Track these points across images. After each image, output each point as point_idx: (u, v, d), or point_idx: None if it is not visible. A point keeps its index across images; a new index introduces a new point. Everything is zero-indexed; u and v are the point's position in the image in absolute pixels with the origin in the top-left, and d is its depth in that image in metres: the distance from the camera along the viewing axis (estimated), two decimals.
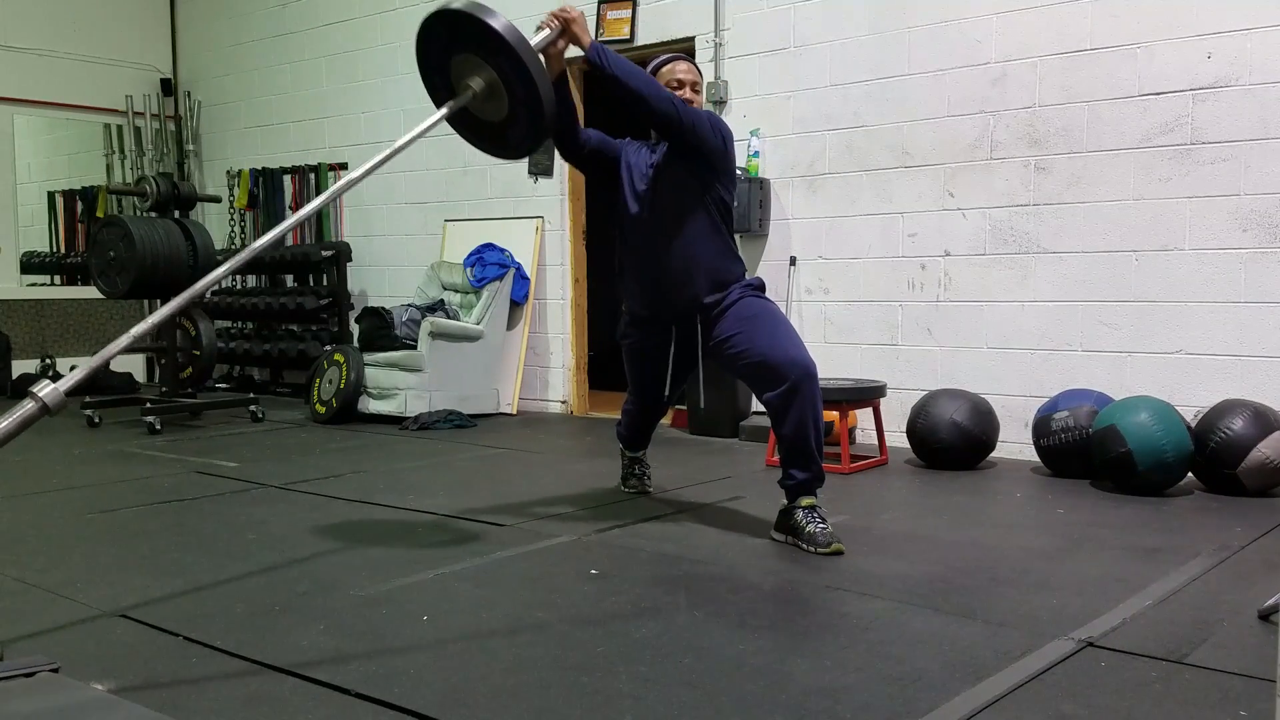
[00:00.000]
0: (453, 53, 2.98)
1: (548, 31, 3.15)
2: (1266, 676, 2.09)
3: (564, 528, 3.45)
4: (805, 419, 3.13)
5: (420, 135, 2.89)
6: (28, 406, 2.13)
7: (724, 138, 3.34)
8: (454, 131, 3.18)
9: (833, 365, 5.30)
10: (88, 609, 2.61)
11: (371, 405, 6.14)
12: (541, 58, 3.01)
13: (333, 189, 2.73)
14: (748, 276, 3.45)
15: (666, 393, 3.65)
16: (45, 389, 2.14)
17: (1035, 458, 4.50)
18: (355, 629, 2.44)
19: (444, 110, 2.99)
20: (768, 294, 3.51)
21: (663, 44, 5.96)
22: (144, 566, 3.03)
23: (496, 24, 2.81)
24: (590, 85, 6.54)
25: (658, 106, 3.17)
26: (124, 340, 2.36)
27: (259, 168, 8.17)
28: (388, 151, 2.79)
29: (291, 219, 2.66)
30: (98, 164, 8.70)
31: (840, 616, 2.54)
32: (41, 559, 3.12)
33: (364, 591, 2.74)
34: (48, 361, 7.79)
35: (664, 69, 3.42)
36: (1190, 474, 4.02)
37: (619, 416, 3.99)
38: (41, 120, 8.40)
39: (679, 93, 3.36)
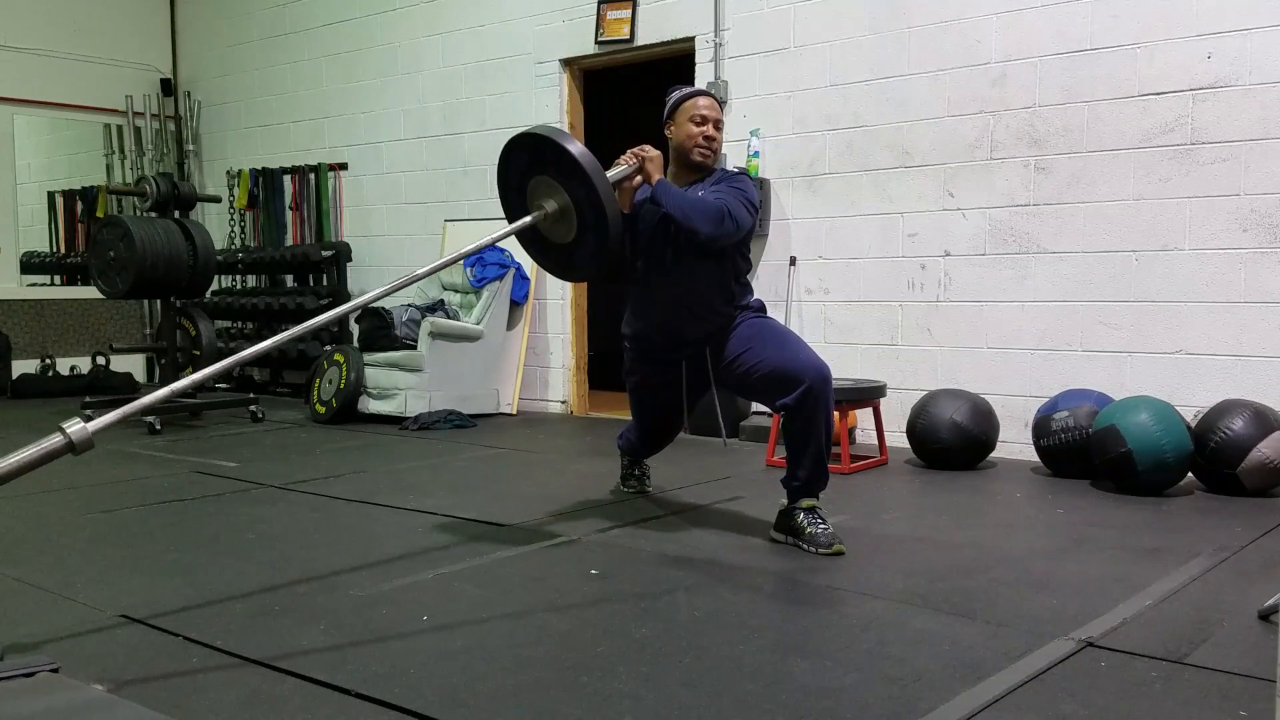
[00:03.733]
0: (531, 174, 3.16)
1: (625, 167, 3.26)
2: (1266, 676, 2.09)
3: (564, 528, 3.45)
4: (817, 421, 3.13)
5: (492, 242, 3.15)
6: (55, 440, 2.19)
7: (757, 208, 3.34)
8: (465, 132, 3.22)
9: (833, 365, 5.22)
10: (88, 609, 2.61)
11: (371, 405, 6.14)
12: (614, 191, 3.14)
13: (395, 282, 2.86)
14: (751, 298, 3.45)
15: (685, 421, 3.66)
16: (74, 427, 2.20)
17: (1035, 458, 4.50)
18: (355, 629, 2.44)
19: (518, 223, 3.17)
20: (768, 300, 3.52)
21: (663, 44, 5.97)
22: (144, 566, 3.03)
23: (576, 152, 2.99)
24: (590, 86, 6.54)
25: (715, 231, 3.16)
26: (164, 392, 2.45)
27: (259, 168, 8.17)
28: (453, 255, 3.06)
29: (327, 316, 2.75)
30: (98, 164, 8.70)
31: (840, 616, 2.54)
32: (41, 559, 3.12)
33: (364, 591, 2.74)
34: (47, 362, 7.79)
35: (686, 103, 3.37)
36: (1190, 474, 4.02)
37: (620, 422, 3.99)
38: (41, 120, 8.40)
39: (702, 129, 3.32)
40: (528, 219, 3.16)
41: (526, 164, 3.17)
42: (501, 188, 3.31)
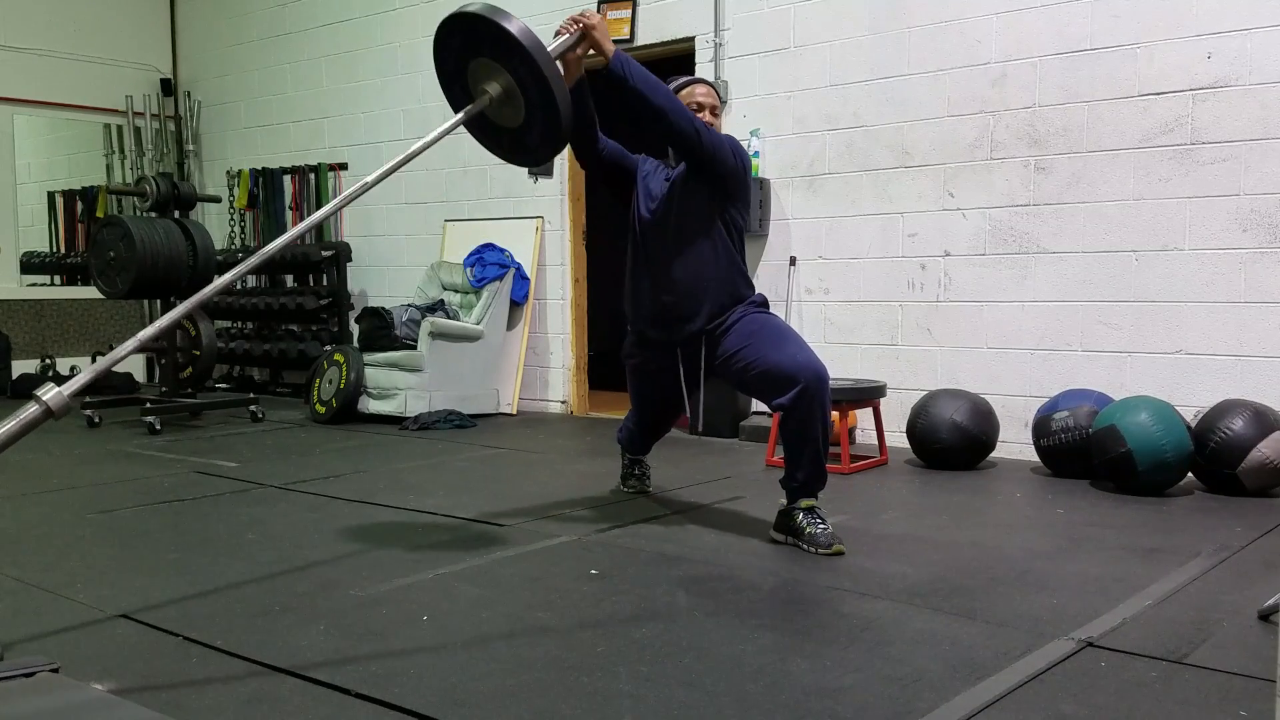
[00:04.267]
0: (470, 57, 2.94)
1: (566, 37, 3.10)
2: (1266, 676, 2.09)
3: (564, 528, 3.45)
4: (813, 421, 3.13)
5: (437, 139, 2.83)
6: (31, 409, 2.12)
7: (743, 163, 3.33)
8: (465, 132, 3.13)
9: (833, 365, 5.28)
10: (88, 609, 2.61)
11: (371, 405, 6.14)
12: (559, 63, 2.97)
13: (349, 192, 2.68)
14: (753, 294, 3.44)
15: (686, 410, 3.65)
16: (49, 392, 2.12)
17: (1035, 458, 4.50)
18: (355, 629, 2.44)
19: (460, 115, 2.93)
20: (769, 299, 3.51)
21: (663, 44, 5.97)
22: (144, 566, 3.03)
23: (512, 27, 2.77)
24: (590, 88, 6.53)
25: (680, 125, 3.14)
26: (131, 344, 2.35)
27: (259, 168, 8.17)
28: (404, 155, 2.74)
29: (312, 218, 2.62)
30: (98, 164, 8.70)
31: (840, 616, 2.54)
32: (41, 559, 3.12)
33: (364, 591, 2.74)
34: (48, 362, 7.79)
35: (683, 91, 3.38)
36: (1190, 474, 4.02)
37: (620, 420, 3.99)
38: (41, 120, 8.40)
39: (698, 115, 3.33)
40: (472, 106, 2.94)
41: (462, 46, 2.95)
42: (440, 73, 3.05)
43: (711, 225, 3.32)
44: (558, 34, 3.12)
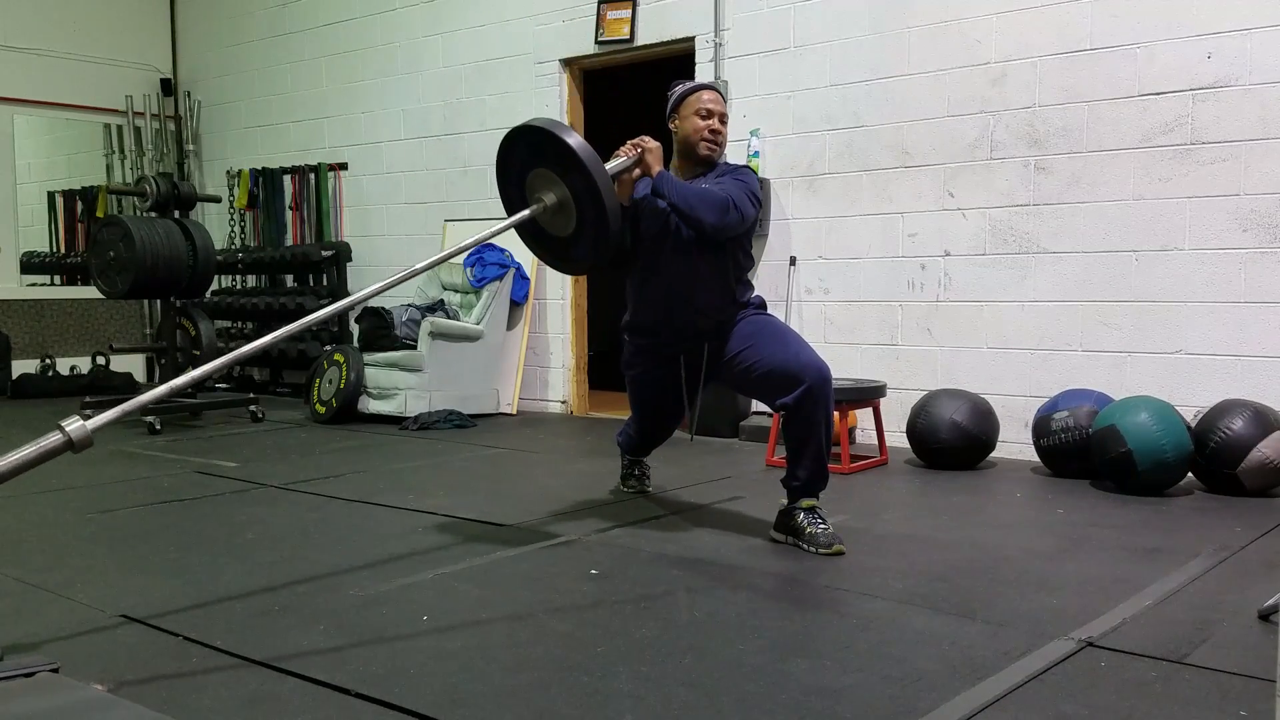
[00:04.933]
0: (530, 166, 3.14)
1: (624, 159, 3.23)
2: (1266, 676, 2.09)
3: (564, 528, 3.45)
4: (816, 421, 3.13)
5: (490, 236, 3.11)
6: (54, 439, 2.18)
7: (760, 202, 3.34)
8: (465, 132, 3.18)
9: (833, 365, 5.22)
10: (88, 609, 2.61)
11: (371, 405, 6.14)
12: (614, 183, 3.12)
13: (394, 278, 2.84)
14: (752, 296, 3.44)
15: (688, 414, 3.66)
16: (73, 424, 2.19)
17: (1035, 458, 4.50)
18: (355, 629, 2.44)
19: (516, 216, 3.14)
20: (768, 300, 3.52)
21: (663, 44, 5.97)
22: (144, 566, 3.03)
23: (574, 144, 2.97)
24: (590, 86, 6.54)
25: (720, 224, 3.17)
26: (163, 390, 2.43)
27: (259, 168, 8.17)
28: (451, 249, 3.01)
29: (355, 297, 2.70)
30: (98, 164, 8.70)
31: (840, 616, 2.54)
32: (41, 559, 3.12)
33: (364, 591, 2.74)
34: (47, 361, 7.79)
35: (690, 97, 3.37)
36: (1190, 474, 4.02)
37: (620, 423, 3.99)
38: (41, 120, 8.40)
39: (707, 122, 3.32)
40: (526, 212, 3.14)
41: (525, 156, 3.15)
42: (500, 180, 3.29)
43: (719, 244, 3.32)
44: (616, 154, 3.25)
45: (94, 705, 1.83)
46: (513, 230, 3.22)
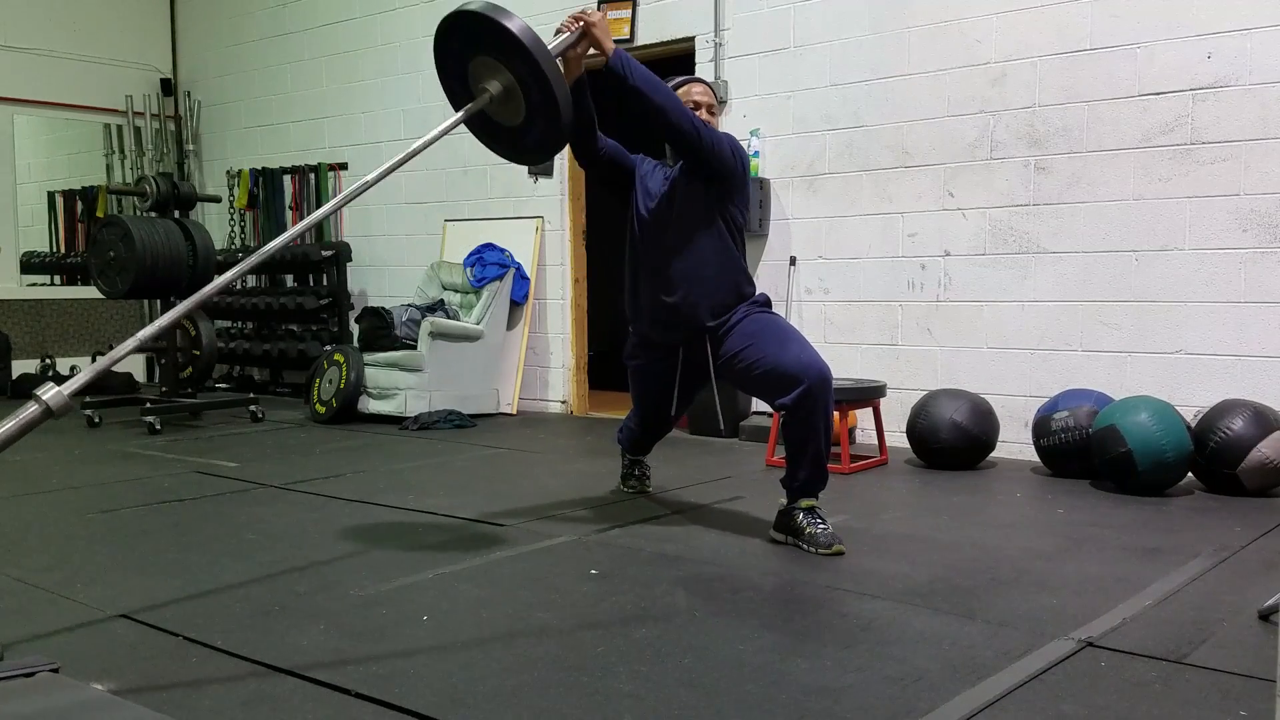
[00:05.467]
0: (470, 55, 2.93)
1: (567, 35, 3.10)
2: (1266, 676, 2.09)
3: (564, 528, 3.45)
4: (816, 421, 3.13)
5: (438, 137, 2.82)
6: (30, 409, 2.12)
7: (742, 162, 3.33)
8: (466, 132, 3.11)
9: (833, 365, 5.23)
10: (88, 609, 2.61)
11: (371, 405, 6.14)
12: (560, 61, 2.97)
13: (349, 191, 2.68)
14: (755, 293, 3.44)
15: (674, 412, 3.66)
16: (49, 391, 2.12)
17: (1035, 458, 4.50)
18: (355, 629, 2.44)
19: (461, 113, 2.93)
20: (771, 298, 3.51)
21: (663, 44, 5.97)
22: (144, 566, 3.03)
23: (513, 26, 2.76)
24: (590, 86, 6.53)
25: (679, 122, 3.14)
26: (131, 344, 2.34)
27: (259, 168, 8.17)
28: (405, 153, 2.74)
29: (311, 217, 2.61)
30: (98, 164, 8.70)
31: (840, 616, 2.54)
32: (41, 559, 3.12)
33: (364, 591, 2.74)
34: (48, 361, 7.79)
35: (679, 90, 3.38)
36: (1190, 474, 4.02)
37: (621, 421, 3.99)
38: (41, 120, 8.40)
39: (696, 114, 3.34)
40: (473, 105, 2.93)
41: (464, 43, 2.94)
42: (441, 73, 3.04)
43: (712, 224, 3.32)
44: (558, 31, 3.12)
45: (94, 705, 1.83)
46: (512, 229, 3.18)
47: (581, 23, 3.10)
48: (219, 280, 2.44)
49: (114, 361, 2.28)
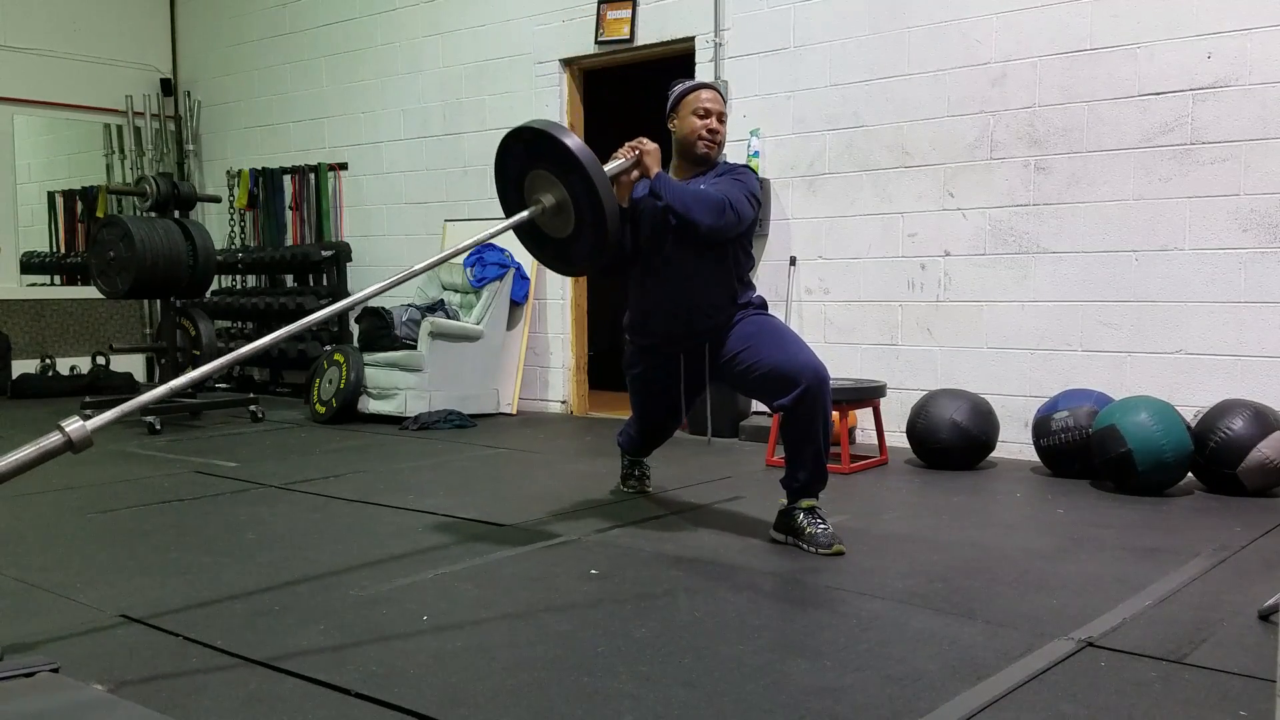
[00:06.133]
0: (529, 168, 3.14)
1: (623, 160, 3.23)
2: (1266, 676, 2.09)
3: (564, 528, 3.45)
4: (815, 422, 3.13)
5: (489, 237, 3.13)
6: (53, 439, 2.18)
7: (760, 202, 3.34)
8: (466, 132, 3.18)
9: (833, 365, 5.26)
10: (88, 609, 2.61)
11: (371, 405, 6.14)
12: (613, 184, 3.11)
13: (385, 283, 2.90)
14: (753, 296, 3.44)
15: (675, 418, 3.66)
16: (73, 425, 2.18)
17: (1035, 458, 4.50)
18: (355, 629, 2.44)
19: (515, 218, 3.15)
20: (769, 299, 3.51)
21: (663, 44, 5.97)
22: (144, 566, 3.03)
23: (572, 145, 2.97)
24: (590, 86, 6.54)
25: (717, 226, 3.16)
26: (162, 390, 2.43)
27: (259, 168, 8.17)
28: (451, 250, 3.01)
29: (357, 296, 2.72)
30: (98, 164, 8.70)
31: (840, 616, 2.54)
32: (41, 559, 3.12)
33: (364, 591, 2.74)
34: (47, 362, 7.79)
35: (689, 97, 3.37)
36: (1190, 474, 4.02)
37: (620, 422, 3.99)
38: (41, 120, 8.40)
39: (705, 121, 3.32)
40: (525, 214, 3.14)
41: (524, 158, 3.15)
42: (499, 181, 3.29)
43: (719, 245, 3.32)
44: (614, 156, 3.25)
45: (94, 705, 1.83)
46: (512, 232, 3.22)
47: (637, 152, 3.23)
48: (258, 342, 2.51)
49: (142, 405, 2.34)
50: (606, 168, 3.10)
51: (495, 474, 4.54)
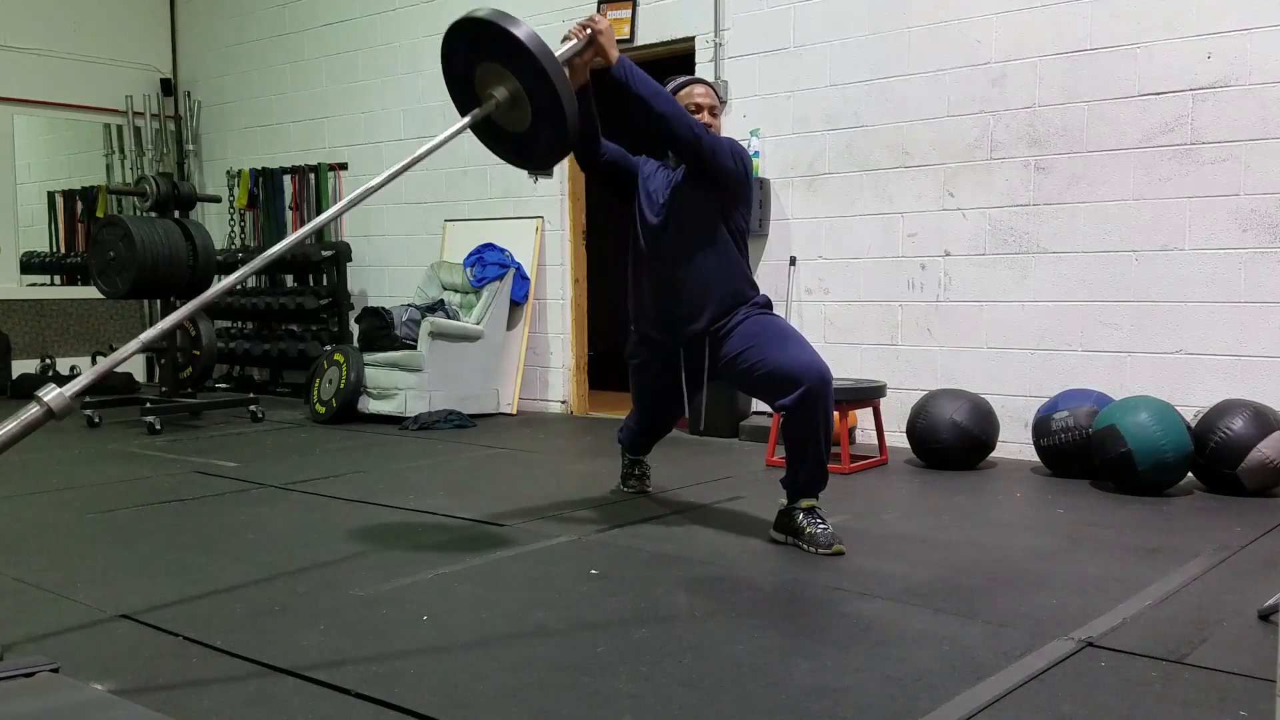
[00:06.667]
0: (477, 61, 2.94)
1: (574, 42, 3.10)
2: (1266, 676, 2.09)
3: (564, 528, 3.45)
4: (816, 422, 3.13)
5: (444, 141, 2.86)
6: (32, 410, 2.11)
7: (744, 166, 3.33)
8: (468, 132, 3.13)
9: (833, 365, 5.23)
10: (88, 609, 2.61)
11: (371, 405, 6.14)
12: (566, 68, 2.97)
13: (354, 194, 2.70)
14: (757, 295, 3.44)
15: (674, 412, 3.66)
16: (50, 392, 2.11)
17: (1035, 458, 4.50)
18: (355, 629, 2.44)
19: (467, 119, 2.96)
20: (771, 298, 3.51)
21: (663, 44, 5.97)
22: (144, 566, 3.03)
23: (520, 33, 2.77)
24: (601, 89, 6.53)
25: (680, 130, 3.15)
26: (134, 345, 2.34)
27: (259, 168, 8.17)
28: (411, 157, 2.77)
29: (316, 221, 2.63)
30: (98, 164, 8.70)
31: (840, 616, 2.54)
32: (41, 559, 3.12)
33: (364, 591, 2.74)
34: (48, 361, 7.79)
35: (681, 92, 3.38)
36: (1190, 474, 4.02)
37: (621, 420, 3.99)
38: (41, 120, 8.40)
39: (697, 116, 3.33)
40: (479, 111, 2.96)
41: (471, 50, 2.95)
42: (447, 77, 3.06)
43: (713, 227, 3.32)
44: (565, 39, 3.11)
45: (94, 705, 1.83)
46: (512, 229, 3.19)
47: (589, 30, 3.10)
48: (225, 282, 2.45)
49: (116, 363, 2.28)
50: (558, 52, 2.93)
51: (495, 474, 4.54)
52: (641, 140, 3.41)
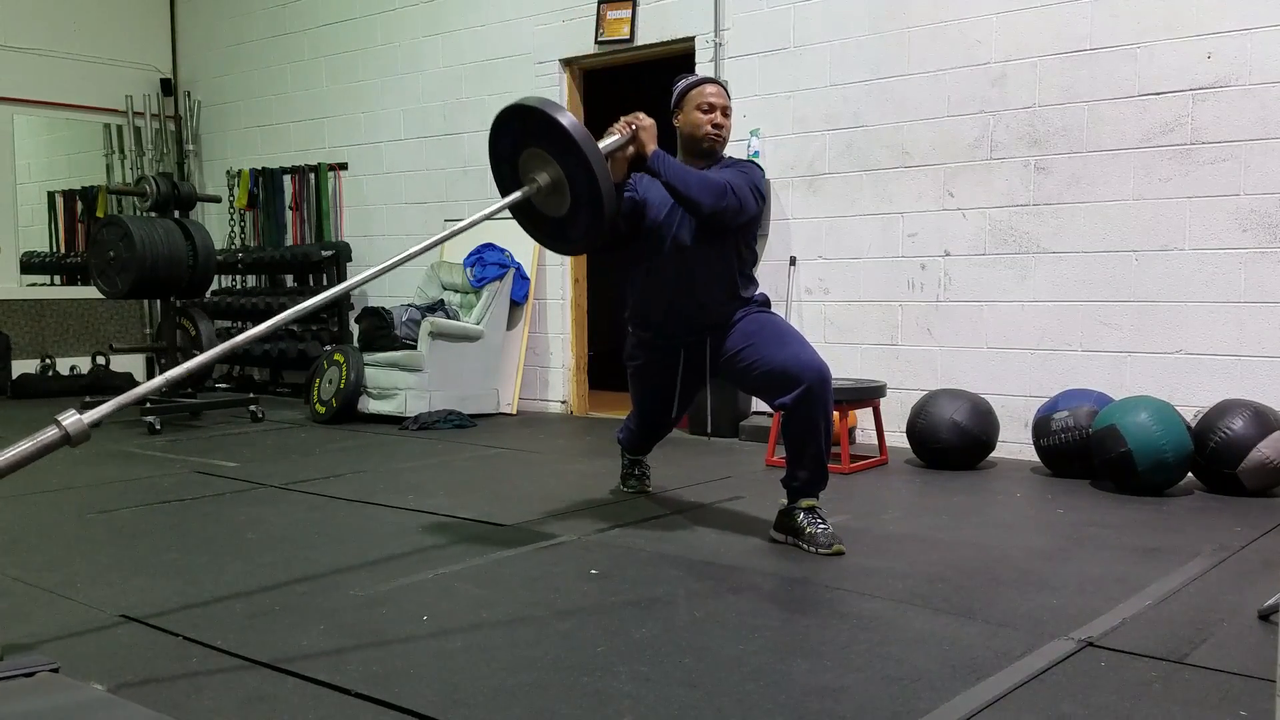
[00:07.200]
0: (524, 146, 3.09)
1: (618, 137, 3.19)
2: (1266, 676, 2.09)
3: (564, 528, 3.45)
4: (815, 421, 3.13)
5: (486, 217, 3.05)
6: (50, 433, 2.17)
7: (764, 197, 3.33)
8: (465, 131, 3.15)
9: (833, 365, 5.23)
10: (88, 609, 2.61)
11: (371, 405, 6.14)
12: (607, 161, 3.07)
13: (370, 272, 2.79)
14: (756, 293, 3.44)
15: (674, 413, 3.66)
16: (70, 418, 2.17)
17: (1035, 458, 4.50)
18: (355, 629, 2.44)
19: (509, 198, 3.10)
20: (771, 298, 3.51)
21: (663, 44, 5.97)
22: (144, 566, 3.03)
23: (567, 123, 2.92)
24: (590, 86, 6.54)
25: (717, 207, 3.15)
26: (158, 381, 2.42)
27: (259, 168, 8.17)
28: (443, 234, 2.96)
29: (337, 289, 2.69)
30: (98, 164, 8.70)
31: (840, 616, 2.54)
32: (41, 559, 3.12)
33: (364, 591, 2.74)
34: (47, 362, 7.79)
35: (693, 91, 3.36)
36: (1190, 474, 4.02)
37: (620, 421, 3.99)
38: (41, 120, 8.40)
39: (710, 116, 3.31)
40: (519, 193, 3.08)
41: (518, 135, 3.09)
42: (493, 160, 3.23)
43: (722, 238, 3.31)
44: (609, 132, 3.20)
45: (94, 705, 1.83)
46: (512, 229, 3.21)
47: (633, 127, 3.19)
48: (254, 331, 2.51)
49: (137, 398, 2.33)
50: (601, 144, 3.05)
51: (495, 474, 4.54)
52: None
